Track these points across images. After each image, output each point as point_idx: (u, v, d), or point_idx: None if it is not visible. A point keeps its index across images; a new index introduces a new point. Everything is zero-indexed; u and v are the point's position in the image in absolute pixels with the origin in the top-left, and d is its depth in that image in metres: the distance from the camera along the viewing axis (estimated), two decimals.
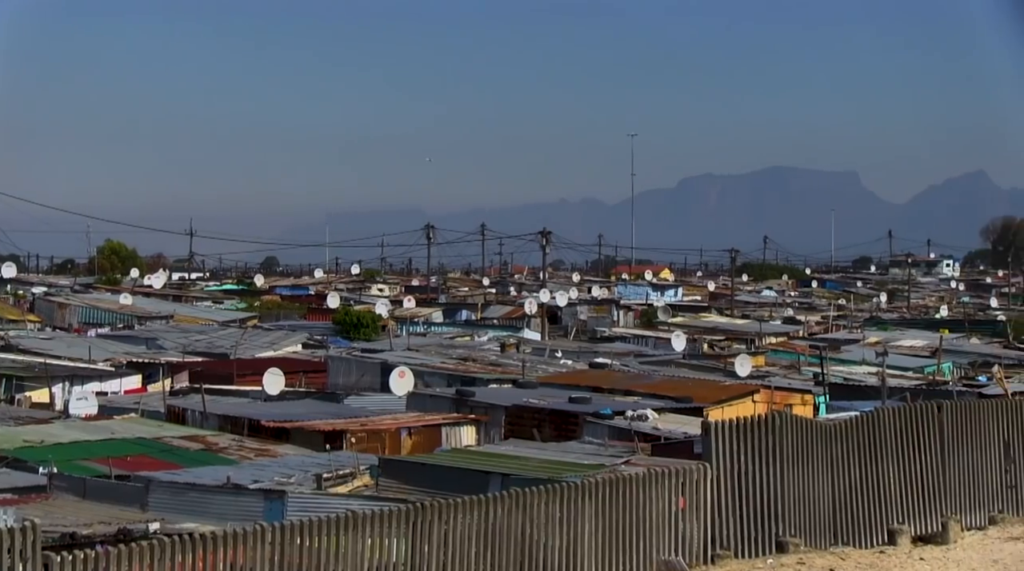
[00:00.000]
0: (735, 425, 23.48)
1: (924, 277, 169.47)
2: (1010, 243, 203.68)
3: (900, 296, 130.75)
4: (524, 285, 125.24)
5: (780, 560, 22.56)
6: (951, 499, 26.40)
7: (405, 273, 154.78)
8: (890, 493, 25.41)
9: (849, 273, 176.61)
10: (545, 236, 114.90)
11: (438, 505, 19.62)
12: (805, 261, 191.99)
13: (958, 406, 27.74)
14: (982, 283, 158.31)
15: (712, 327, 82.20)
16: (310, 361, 54.61)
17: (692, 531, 22.48)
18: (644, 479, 22.01)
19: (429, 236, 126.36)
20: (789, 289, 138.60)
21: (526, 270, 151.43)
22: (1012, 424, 27.78)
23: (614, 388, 41.09)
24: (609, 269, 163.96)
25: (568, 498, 20.90)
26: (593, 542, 21.10)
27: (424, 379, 44.83)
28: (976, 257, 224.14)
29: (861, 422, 25.54)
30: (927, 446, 26.26)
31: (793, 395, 41.82)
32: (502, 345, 61.91)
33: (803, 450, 24.17)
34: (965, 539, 24.99)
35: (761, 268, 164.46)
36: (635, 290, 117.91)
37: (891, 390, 43.10)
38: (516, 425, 35.47)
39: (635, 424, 33.34)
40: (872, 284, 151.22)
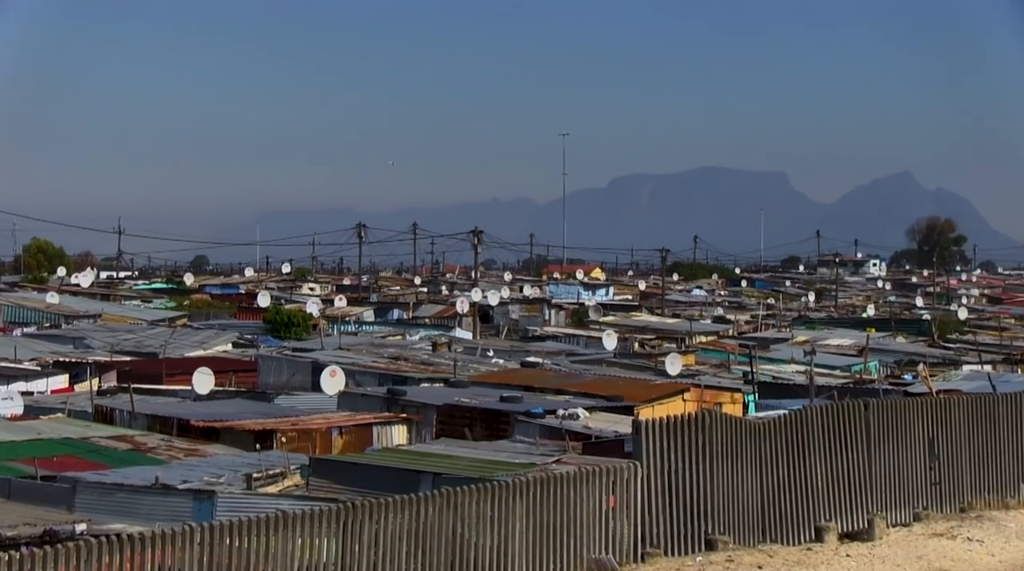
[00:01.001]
0: (665, 424, 23.57)
1: (851, 277, 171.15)
2: (935, 243, 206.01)
3: (828, 295, 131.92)
4: (456, 284, 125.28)
5: (709, 558, 22.68)
6: (877, 496, 26.66)
7: (336, 272, 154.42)
8: (817, 491, 25.63)
9: (778, 273, 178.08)
10: (477, 235, 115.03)
11: (369, 504, 19.59)
12: (735, 261, 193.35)
13: (884, 404, 27.99)
14: (908, 283, 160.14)
15: (643, 326, 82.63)
16: (240, 360, 54.35)
17: (622, 529, 22.57)
18: (575, 478, 22.06)
19: (361, 235, 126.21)
20: (719, 288, 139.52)
21: (458, 269, 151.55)
22: (937, 422, 28.06)
23: (545, 387, 41.20)
24: (541, 268, 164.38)
25: (499, 497, 20.92)
26: (524, 541, 21.13)
27: (355, 378, 44.76)
28: (902, 257, 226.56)
29: (789, 420, 25.73)
30: (854, 444, 26.49)
31: (723, 394, 42.10)
32: (434, 344, 61.89)
33: (732, 448, 24.31)
34: (890, 536, 25.21)
35: (691, 267, 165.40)
36: (567, 289, 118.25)
37: (819, 388, 43.49)
38: (447, 424, 35.49)
39: (566, 423, 33.44)
40: (800, 283, 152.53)
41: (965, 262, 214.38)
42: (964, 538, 24.99)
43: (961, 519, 26.64)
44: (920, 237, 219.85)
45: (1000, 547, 24.56)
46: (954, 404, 28.97)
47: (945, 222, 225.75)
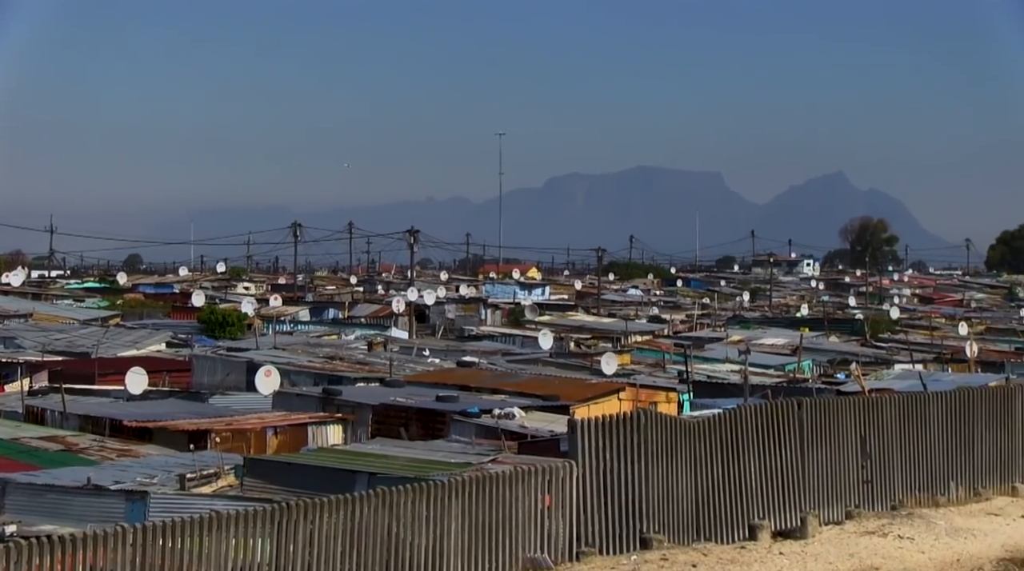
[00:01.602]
0: (601, 423, 23.64)
1: (785, 276, 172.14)
2: (867, 243, 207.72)
3: (762, 295, 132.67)
4: (392, 284, 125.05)
5: (644, 556, 22.77)
6: (810, 494, 26.85)
7: (272, 271, 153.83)
8: (751, 489, 25.78)
9: (713, 272, 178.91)
10: (413, 234, 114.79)
11: (303, 505, 19.53)
12: (670, 260, 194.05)
13: (817, 403, 28.19)
14: (841, 282, 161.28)
15: (579, 326, 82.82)
16: (174, 360, 53.97)
17: (558, 528, 22.61)
18: (511, 477, 22.09)
19: (296, 234, 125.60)
20: (654, 288, 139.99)
21: (394, 269, 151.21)
22: (869, 421, 28.31)
23: (481, 387, 41.18)
24: (477, 268, 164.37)
25: (435, 497, 20.91)
26: (460, 540, 21.14)
27: (290, 378, 44.59)
28: (835, 257, 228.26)
29: (723, 419, 25.87)
30: (787, 443, 26.67)
31: (658, 393, 42.21)
32: (369, 344, 61.74)
33: (667, 447, 24.41)
34: (823, 533, 25.41)
35: (627, 267, 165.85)
36: (503, 289, 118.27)
37: (753, 388, 43.73)
38: (383, 424, 35.42)
39: (502, 422, 33.45)
40: (735, 283, 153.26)
41: (897, 262, 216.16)
42: (895, 536, 25.22)
43: (892, 517, 26.89)
44: (853, 237, 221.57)
45: (930, 544, 24.81)
46: (886, 403, 29.24)
47: (877, 222, 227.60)
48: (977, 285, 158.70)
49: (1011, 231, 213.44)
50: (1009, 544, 25.27)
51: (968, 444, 30.29)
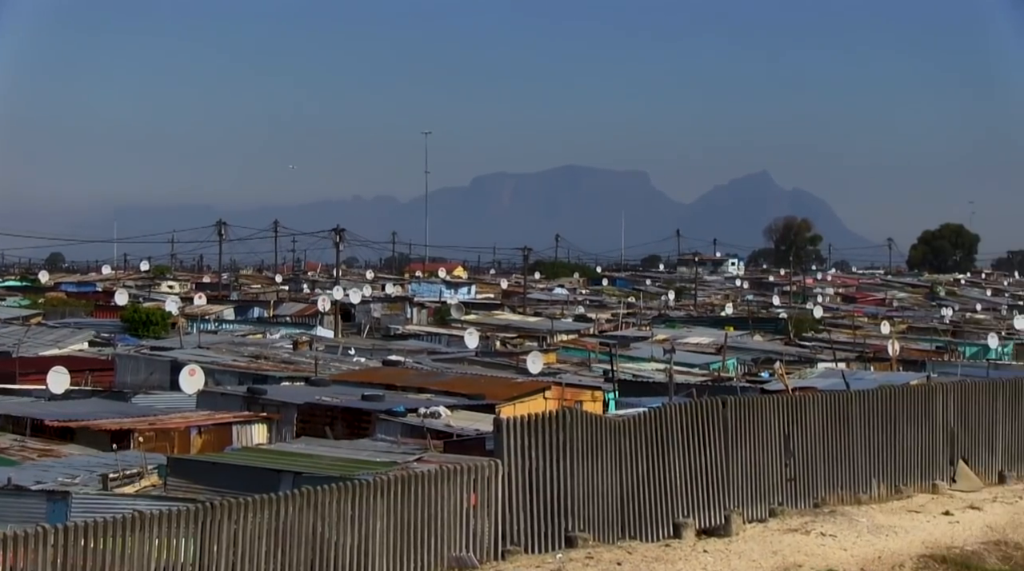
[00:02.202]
0: (526, 422, 23.67)
1: (710, 276, 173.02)
2: (791, 242, 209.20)
3: (687, 294, 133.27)
4: (317, 282, 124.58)
5: (569, 555, 22.82)
6: (734, 492, 27.02)
7: (196, 270, 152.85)
8: (676, 487, 25.90)
9: (638, 271, 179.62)
10: (339, 233, 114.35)
11: (228, 504, 19.42)
12: (596, 259, 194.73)
13: (741, 402, 28.38)
14: (765, 281, 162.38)
15: (505, 325, 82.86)
16: (97, 359, 53.53)
17: (483, 527, 22.62)
18: (436, 476, 22.08)
19: (221, 233, 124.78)
20: (580, 287, 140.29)
21: (319, 267, 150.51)
22: (792, 419, 28.52)
23: (407, 386, 41.13)
24: (403, 267, 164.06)
25: (360, 496, 20.86)
26: (385, 539, 21.10)
27: (215, 377, 44.31)
28: (760, 256, 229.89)
29: (649, 418, 25.98)
30: (712, 441, 26.82)
31: (583, 392, 42.32)
32: (295, 343, 61.49)
33: (593, 446, 24.47)
34: (747, 531, 25.57)
35: (553, 266, 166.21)
36: (428, 288, 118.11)
37: (678, 386, 43.89)
38: (308, 423, 35.30)
39: (428, 421, 33.42)
40: (661, 282, 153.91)
41: (820, 261, 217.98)
42: (817, 533, 25.44)
43: (815, 514, 27.11)
44: (777, 236, 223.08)
45: (852, 542, 25.04)
46: (809, 402, 29.47)
47: (801, 222, 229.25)
48: (899, 284, 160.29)
49: (932, 231, 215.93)
50: (929, 541, 25.57)
51: (890, 442, 30.60)
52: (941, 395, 32.37)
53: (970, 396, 33.11)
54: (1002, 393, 34.11)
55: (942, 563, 24.25)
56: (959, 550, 25.15)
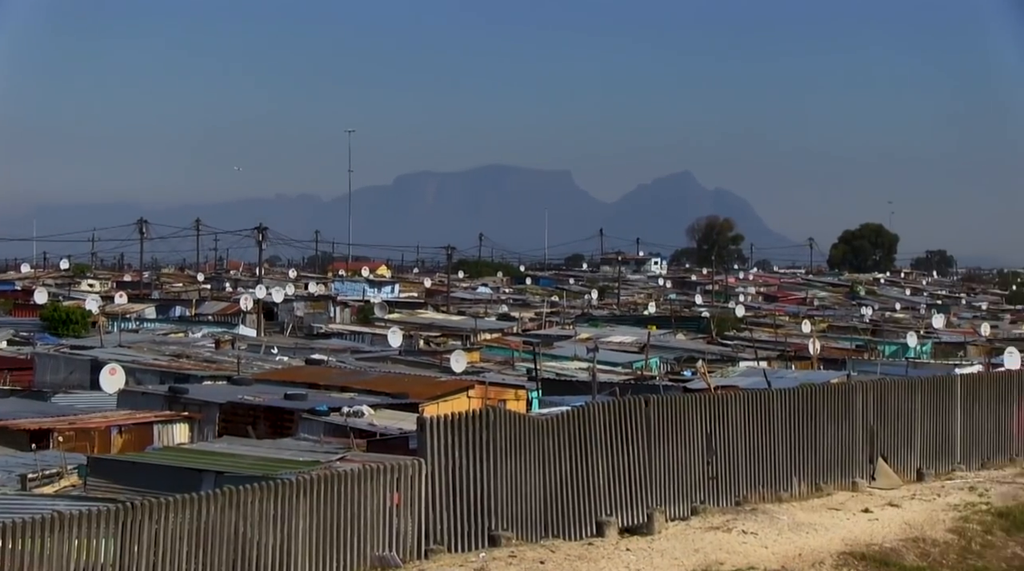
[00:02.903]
0: (450, 421, 23.65)
1: (633, 275, 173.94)
2: (714, 242, 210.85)
3: (610, 293, 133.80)
4: (240, 281, 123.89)
5: (492, 554, 22.83)
6: (657, 491, 27.14)
7: (117, 269, 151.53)
8: (599, 486, 25.98)
9: (562, 270, 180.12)
10: (261, 232, 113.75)
11: (148, 504, 19.27)
12: (520, 258, 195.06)
13: (664, 401, 28.50)
14: (688, 281, 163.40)
15: (428, 323, 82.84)
16: (15, 358, 52.98)
17: (406, 526, 22.59)
18: (359, 475, 22.01)
19: (142, 231, 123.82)
20: (504, 286, 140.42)
21: (242, 266, 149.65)
22: (714, 418, 28.68)
23: (330, 384, 41.00)
24: (326, 265, 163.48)
25: (282, 495, 20.77)
26: (307, 539, 21.02)
27: (136, 376, 43.98)
28: (682, 255, 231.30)
29: (572, 417, 26.02)
30: (635, 440, 26.92)
31: (507, 391, 42.39)
32: (217, 342, 61.14)
33: (516, 445, 24.50)
34: (669, 529, 25.69)
35: (477, 265, 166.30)
36: (352, 286, 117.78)
37: (601, 385, 44.07)
38: (231, 422, 35.12)
39: (351, 420, 33.36)
40: (584, 281, 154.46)
41: (742, 261, 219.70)
42: (739, 531, 25.60)
43: (736, 512, 27.28)
44: (699, 236, 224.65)
45: (773, 539, 25.22)
46: (731, 400, 29.64)
47: (724, 221, 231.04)
48: (820, 283, 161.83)
49: (852, 231, 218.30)
50: (849, 538, 25.80)
51: (810, 440, 30.86)
52: (861, 393, 32.69)
53: (889, 394, 33.47)
54: (920, 391, 34.51)
55: (861, 560, 24.48)
56: (878, 547, 25.41)
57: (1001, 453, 36.72)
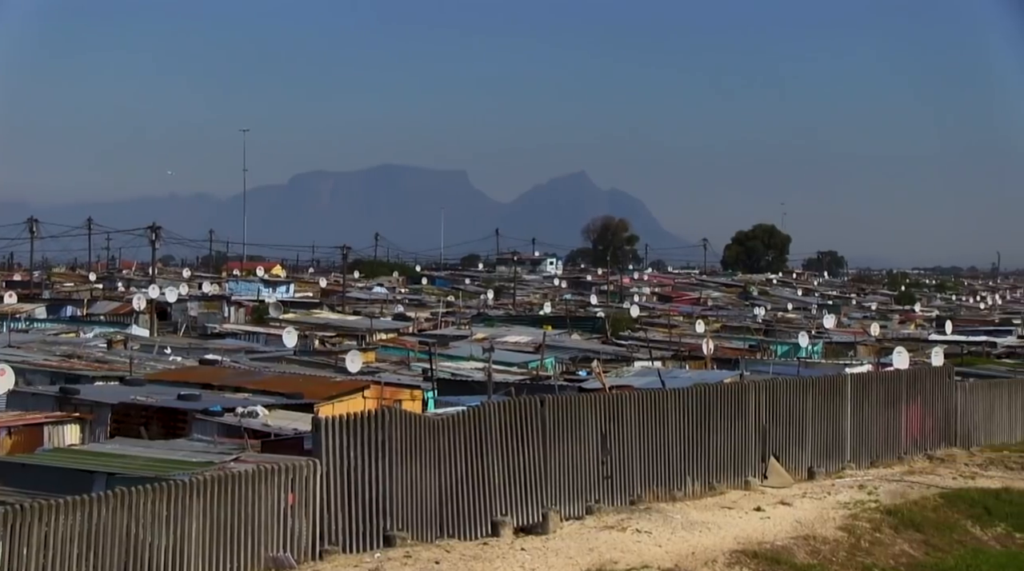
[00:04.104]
0: (345, 421, 23.60)
1: (529, 275, 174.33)
2: (609, 242, 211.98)
3: (506, 293, 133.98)
4: (133, 281, 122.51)
5: (387, 554, 22.81)
6: (552, 490, 27.25)
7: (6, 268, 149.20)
8: (494, 486, 26.04)
9: (458, 270, 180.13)
10: (154, 231, 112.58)
11: (38, 506, 19.01)
12: (416, 258, 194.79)
13: (559, 400, 28.62)
14: (583, 281, 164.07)
15: (324, 323, 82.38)
16: None
17: (301, 527, 22.50)
18: (253, 476, 21.89)
19: (32, 230, 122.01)
20: (400, 286, 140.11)
21: (135, 265, 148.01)
22: (609, 417, 28.85)
23: (224, 385, 40.65)
24: (220, 265, 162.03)
25: (175, 496, 20.59)
26: (201, 540, 20.86)
27: (25, 377, 43.26)
28: (577, 255, 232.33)
29: (467, 417, 26.06)
30: (530, 440, 27.01)
31: (403, 391, 42.27)
32: (109, 342, 60.37)
33: (412, 445, 24.49)
34: (564, 529, 25.81)
35: (372, 265, 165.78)
36: (247, 286, 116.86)
37: (497, 385, 44.08)
38: (123, 423, 34.67)
39: (245, 421, 33.08)
40: (480, 281, 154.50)
41: (637, 261, 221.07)
42: (633, 530, 25.78)
43: (631, 512, 27.47)
44: (595, 236, 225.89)
45: (667, 538, 25.42)
46: (625, 400, 29.83)
47: (619, 222, 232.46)
48: (713, 284, 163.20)
49: (745, 231, 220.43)
50: (741, 536, 26.07)
51: (704, 439, 31.15)
52: (753, 393, 33.05)
53: (781, 394, 33.88)
54: (812, 391, 34.98)
55: (753, 558, 24.74)
56: (770, 545, 25.70)
57: (890, 452, 37.36)
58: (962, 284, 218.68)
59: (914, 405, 38.38)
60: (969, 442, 40.46)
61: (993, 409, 42.17)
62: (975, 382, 43.25)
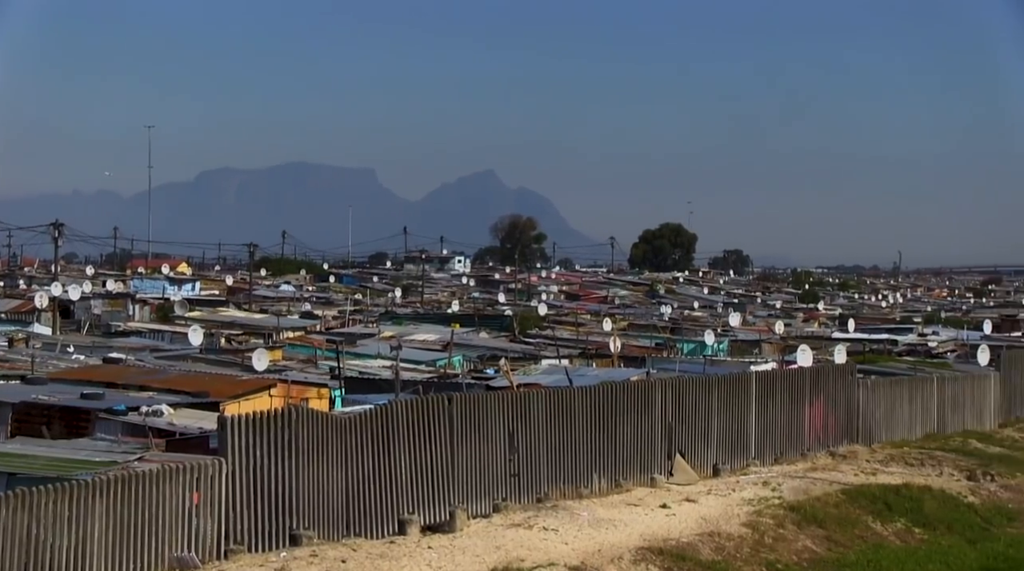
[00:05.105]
0: (251, 420, 23.48)
1: (437, 273, 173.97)
2: (517, 241, 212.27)
3: (414, 291, 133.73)
4: (35, 278, 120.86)
5: (293, 553, 22.71)
6: (459, 489, 27.28)
7: None
8: (402, 484, 26.03)
9: (366, 269, 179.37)
10: (57, 228, 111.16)
11: None
12: (323, 256, 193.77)
13: (467, 398, 28.66)
14: (491, 279, 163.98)
15: (230, 321, 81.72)
16: None
17: (206, 527, 22.35)
18: (157, 475, 21.71)
19: None
20: (307, 284, 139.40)
21: (37, 263, 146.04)
22: (516, 415, 28.93)
23: (128, 384, 40.27)
24: (125, 263, 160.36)
25: (78, 497, 20.37)
26: (104, 541, 20.65)
27: None
28: (486, 254, 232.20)
29: (375, 415, 26.03)
30: (438, 438, 27.03)
31: (310, 389, 42.12)
32: (10, 340, 59.60)
33: (318, 444, 24.42)
34: (471, 527, 25.83)
35: (279, 263, 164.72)
36: (152, 284, 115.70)
37: (404, 383, 44.01)
38: (24, 423, 34.26)
39: (150, 420, 32.79)
40: (388, 279, 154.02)
41: (545, 259, 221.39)
42: (540, 528, 25.85)
43: (538, 509, 27.54)
44: (503, 235, 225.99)
45: (573, 535, 25.52)
46: (533, 398, 29.91)
47: (527, 220, 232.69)
48: (621, 282, 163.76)
49: (652, 230, 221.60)
50: (647, 533, 26.23)
51: (611, 437, 31.31)
52: (660, 391, 33.27)
53: (687, 392, 34.14)
54: (717, 388, 35.29)
55: (659, 555, 24.90)
56: (675, 542, 25.88)
57: (794, 448, 37.77)
58: (864, 283, 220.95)
59: (817, 402, 38.83)
60: (870, 439, 41.01)
61: (894, 406, 42.76)
62: (876, 380, 43.78)
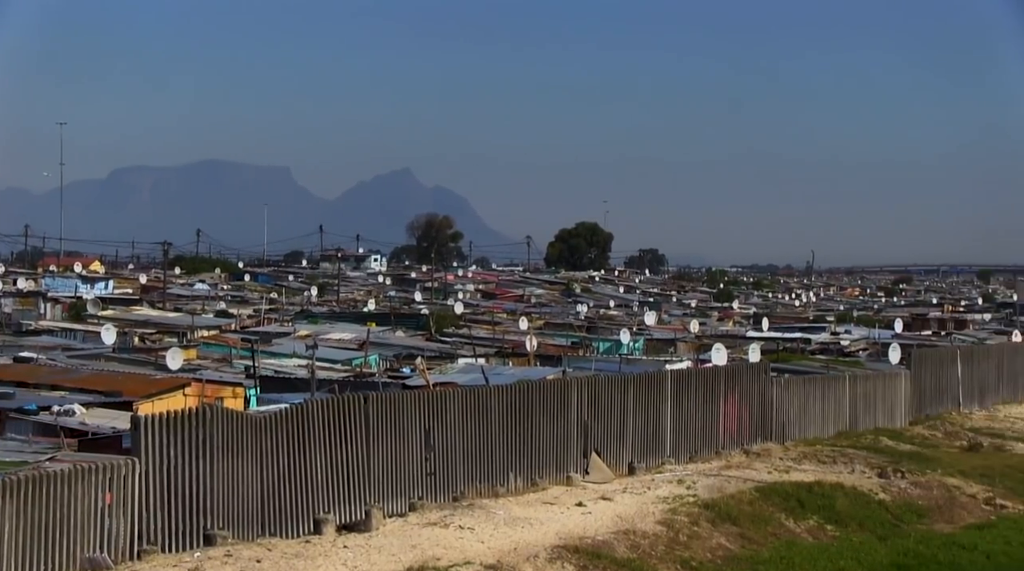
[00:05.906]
0: (165, 419, 23.32)
1: (353, 272, 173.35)
2: (433, 239, 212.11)
3: (330, 290, 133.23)
4: None
5: (208, 553, 22.59)
6: (375, 487, 27.22)
7: None
8: (317, 483, 25.94)
9: (281, 267, 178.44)
10: None
11: None
12: (238, 255, 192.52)
13: (383, 398, 28.61)
14: (407, 278, 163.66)
15: (144, 320, 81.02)
16: None
17: (119, 527, 22.16)
18: (69, 475, 21.49)
19: None
20: (222, 282, 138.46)
21: None
22: (433, 414, 28.92)
23: (40, 383, 39.89)
24: (36, 261, 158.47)
25: None
26: (13, 542, 20.41)
27: None
28: (402, 252, 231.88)
29: (290, 414, 25.92)
30: (353, 437, 26.96)
31: (224, 388, 41.91)
32: None
33: (233, 443, 24.28)
34: (387, 526, 25.81)
35: (194, 261, 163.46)
36: (64, 282, 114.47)
37: (320, 382, 43.85)
38: None
39: (61, 419, 32.48)
40: (303, 278, 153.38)
41: (461, 258, 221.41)
42: (456, 526, 25.87)
43: (454, 508, 27.57)
44: (419, 233, 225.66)
45: (489, 534, 25.56)
46: (449, 397, 29.92)
47: (443, 219, 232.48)
48: (537, 281, 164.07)
49: (568, 229, 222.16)
50: (563, 532, 26.32)
51: (527, 435, 31.36)
52: (576, 389, 33.37)
53: (603, 390, 34.26)
54: (632, 387, 35.43)
55: (575, 553, 24.99)
56: (591, 540, 25.98)
57: (708, 447, 38.03)
58: (778, 282, 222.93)
59: (731, 401, 39.11)
60: (784, 437, 41.37)
61: (807, 404, 43.17)
62: (790, 378, 44.17)
